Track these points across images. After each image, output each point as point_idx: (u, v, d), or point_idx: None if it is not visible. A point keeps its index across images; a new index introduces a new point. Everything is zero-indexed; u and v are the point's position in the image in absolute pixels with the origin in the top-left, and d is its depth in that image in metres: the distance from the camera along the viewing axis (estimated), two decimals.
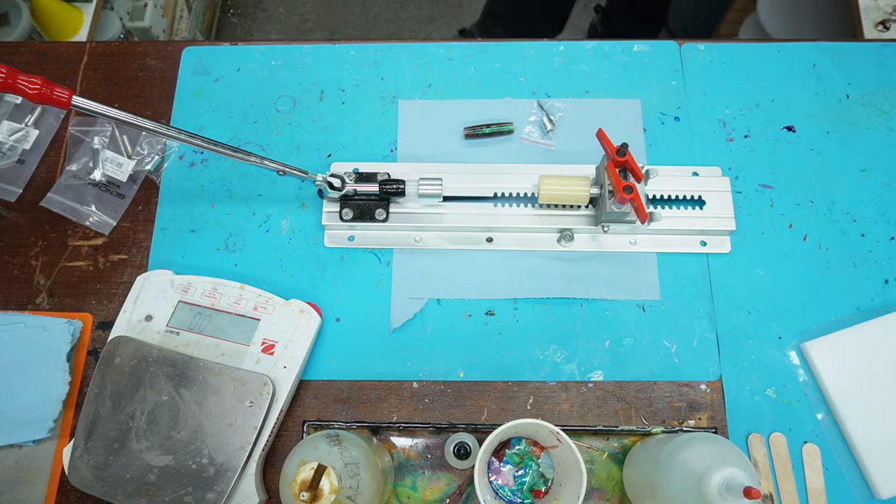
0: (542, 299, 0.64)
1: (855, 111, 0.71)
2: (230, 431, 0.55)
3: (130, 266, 0.66)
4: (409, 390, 0.61)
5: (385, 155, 0.70)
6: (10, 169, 0.69)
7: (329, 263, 0.65)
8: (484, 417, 0.61)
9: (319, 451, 0.49)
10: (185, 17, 1.84)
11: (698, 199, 0.65)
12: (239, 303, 0.61)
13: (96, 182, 0.68)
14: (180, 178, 0.69)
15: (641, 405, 0.61)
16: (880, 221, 0.66)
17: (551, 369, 0.62)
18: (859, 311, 0.63)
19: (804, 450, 0.59)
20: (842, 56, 0.73)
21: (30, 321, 0.62)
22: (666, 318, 0.63)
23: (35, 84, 0.49)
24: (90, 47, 0.76)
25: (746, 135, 0.70)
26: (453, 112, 0.71)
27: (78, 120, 0.71)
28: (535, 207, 0.65)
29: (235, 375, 0.57)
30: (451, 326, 0.63)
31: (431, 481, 0.59)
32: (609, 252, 0.65)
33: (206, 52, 0.75)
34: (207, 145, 0.56)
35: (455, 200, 0.65)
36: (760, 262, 0.65)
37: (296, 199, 0.68)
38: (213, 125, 0.71)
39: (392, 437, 0.60)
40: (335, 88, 0.73)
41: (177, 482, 0.54)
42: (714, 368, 0.61)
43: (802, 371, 0.61)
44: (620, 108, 0.71)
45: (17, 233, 0.68)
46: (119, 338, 0.59)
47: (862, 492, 0.58)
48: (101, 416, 0.56)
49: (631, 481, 0.56)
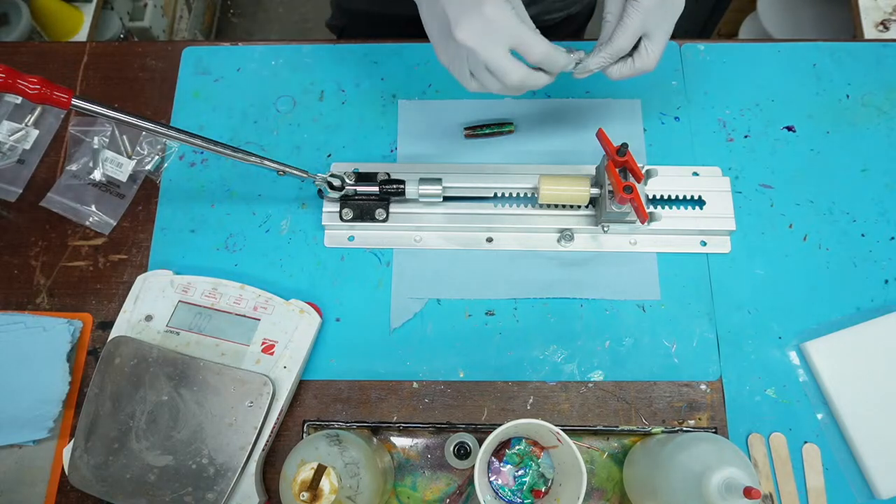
0: (542, 299, 0.64)
1: (855, 111, 0.71)
2: (230, 431, 0.55)
3: (130, 266, 0.66)
4: (409, 390, 0.61)
5: (385, 155, 0.70)
6: (10, 169, 0.69)
7: (329, 263, 0.66)
8: (484, 417, 0.61)
9: (319, 451, 0.49)
10: (185, 17, 1.84)
11: (698, 199, 0.65)
12: (239, 303, 0.61)
13: (96, 182, 0.68)
14: (180, 178, 0.69)
15: (641, 405, 0.61)
16: (880, 221, 0.66)
17: (551, 369, 0.62)
18: (859, 311, 0.63)
19: (804, 450, 0.59)
20: (842, 56, 0.73)
21: (30, 321, 0.62)
22: (666, 319, 0.63)
23: (35, 84, 0.49)
24: (90, 47, 0.76)
25: (746, 135, 0.70)
26: (453, 112, 0.71)
27: (78, 120, 0.71)
28: (535, 207, 0.65)
29: (235, 375, 0.57)
30: (451, 326, 0.63)
31: (431, 481, 0.59)
32: (609, 252, 0.65)
33: (206, 52, 0.75)
34: (207, 145, 0.56)
35: (455, 200, 0.65)
36: (760, 262, 0.65)
37: (296, 199, 0.68)
38: (213, 125, 0.71)
39: (392, 437, 0.60)
40: (335, 88, 0.73)
41: (177, 482, 0.54)
42: (714, 368, 0.61)
43: (802, 371, 0.61)
44: (620, 108, 0.71)
45: (17, 233, 0.68)
46: (119, 338, 0.59)
47: (862, 492, 0.58)
48: (101, 416, 0.56)
49: (631, 481, 0.56)
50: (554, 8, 0.81)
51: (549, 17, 0.82)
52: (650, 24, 0.52)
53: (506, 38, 0.49)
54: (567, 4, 0.82)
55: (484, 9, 0.48)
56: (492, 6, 0.48)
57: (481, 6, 0.48)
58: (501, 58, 0.49)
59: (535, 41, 0.49)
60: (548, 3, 0.80)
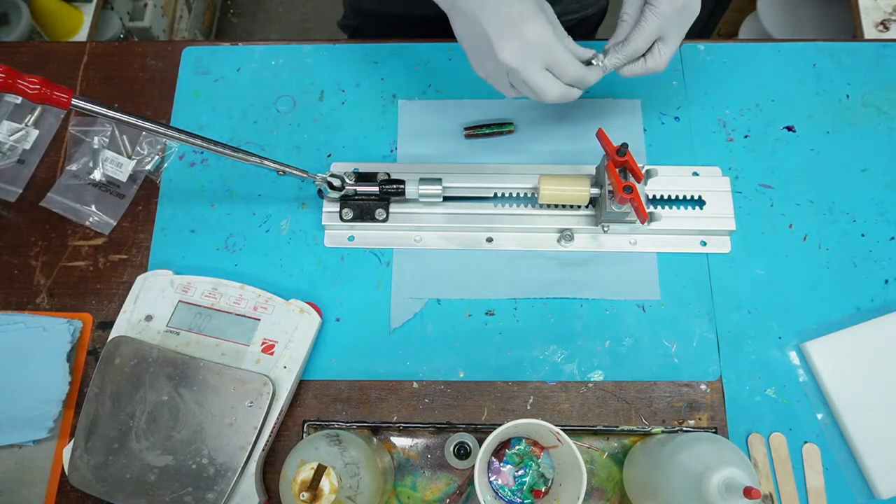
0: (542, 299, 0.64)
1: (855, 111, 0.71)
2: (230, 431, 0.55)
3: (130, 266, 0.66)
4: (409, 390, 0.61)
5: (385, 155, 0.70)
6: (10, 169, 0.69)
7: (329, 263, 0.66)
8: (484, 417, 0.61)
9: (319, 451, 0.49)
10: (185, 17, 1.84)
11: (698, 199, 0.65)
12: (239, 303, 0.61)
13: (96, 182, 0.68)
14: (180, 178, 0.69)
15: (641, 405, 0.61)
16: (880, 221, 0.66)
17: (551, 369, 0.62)
18: (859, 311, 0.63)
19: (804, 450, 0.59)
20: (842, 56, 0.73)
21: (30, 321, 0.62)
22: (666, 319, 0.63)
23: (35, 84, 0.49)
24: (90, 47, 0.76)
25: (746, 135, 0.70)
26: (453, 112, 0.71)
27: (78, 120, 0.71)
28: (535, 207, 0.65)
29: (235, 375, 0.57)
30: (451, 326, 0.63)
31: (431, 481, 0.59)
32: (609, 252, 0.65)
33: (206, 52, 0.75)
34: (207, 145, 0.56)
35: (455, 200, 0.65)
36: (760, 262, 0.65)
37: (296, 199, 0.68)
38: (213, 125, 0.71)
39: (392, 437, 0.60)
40: (335, 88, 0.73)
41: (177, 482, 0.54)
42: (714, 368, 0.61)
43: (802, 371, 0.61)
44: (620, 107, 0.71)
45: (17, 233, 0.68)
46: (119, 338, 0.59)
47: (862, 492, 0.58)
48: (101, 416, 0.56)
49: (631, 481, 0.56)
50: (571, 10, 0.82)
51: (565, 18, 0.84)
52: (666, 29, 0.55)
53: (544, 59, 0.52)
54: (583, 6, 0.83)
55: (525, 32, 0.50)
56: (533, 29, 0.50)
57: (523, 29, 0.50)
58: (540, 77, 0.53)
59: (569, 64, 0.52)
60: (566, 5, 0.81)
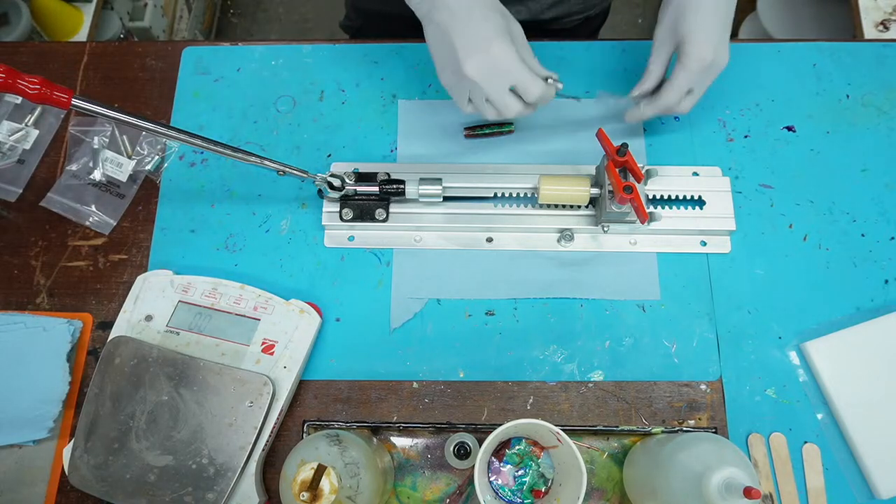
0: (542, 299, 0.64)
1: (855, 111, 0.71)
2: (230, 431, 0.55)
3: (130, 266, 0.66)
4: (408, 390, 0.61)
5: (385, 155, 0.70)
6: (10, 169, 0.69)
7: (329, 263, 0.65)
8: (484, 417, 0.61)
9: (319, 451, 0.49)
10: (185, 17, 1.84)
11: (698, 199, 0.65)
12: (239, 303, 0.61)
13: (96, 182, 0.68)
14: (180, 178, 0.69)
15: (641, 405, 0.61)
16: (880, 221, 0.66)
17: (551, 369, 0.62)
18: (859, 311, 0.63)
19: (804, 450, 0.59)
20: (842, 56, 0.73)
21: (30, 321, 0.62)
22: (666, 318, 0.63)
23: (35, 84, 0.49)
24: (90, 47, 0.76)
25: (746, 135, 0.70)
26: (453, 112, 0.71)
27: (78, 120, 0.71)
28: (535, 207, 0.65)
29: (235, 375, 0.57)
30: (450, 326, 0.63)
31: (431, 481, 0.59)
32: (609, 252, 0.65)
33: (206, 52, 0.75)
34: (207, 145, 0.56)
35: (455, 200, 0.65)
36: (760, 262, 0.65)
37: (296, 199, 0.68)
38: (213, 125, 0.71)
39: (392, 437, 0.60)
40: (335, 88, 0.73)
41: (177, 482, 0.54)
42: (714, 368, 0.61)
43: (802, 371, 0.61)
44: (620, 107, 0.71)
45: (17, 233, 0.68)
46: (119, 338, 0.59)
47: (862, 492, 0.58)
48: (101, 416, 0.56)
49: (631, 481, 0.56)
50: (574, 11, 0.83)
51: (569, 19, 0.84)
52: (695, 83, 0.61)
53: (509, 78, 0.55)
54: (586, 7, 0.84)
55: (491, 49, 0.53)
56: (498, 47, 0.53)
57: (489, 46, 0.53)
58: (503, 94, 0.56)
59: (533, 84, 0.55)
60: (569, 6, 0.81)
